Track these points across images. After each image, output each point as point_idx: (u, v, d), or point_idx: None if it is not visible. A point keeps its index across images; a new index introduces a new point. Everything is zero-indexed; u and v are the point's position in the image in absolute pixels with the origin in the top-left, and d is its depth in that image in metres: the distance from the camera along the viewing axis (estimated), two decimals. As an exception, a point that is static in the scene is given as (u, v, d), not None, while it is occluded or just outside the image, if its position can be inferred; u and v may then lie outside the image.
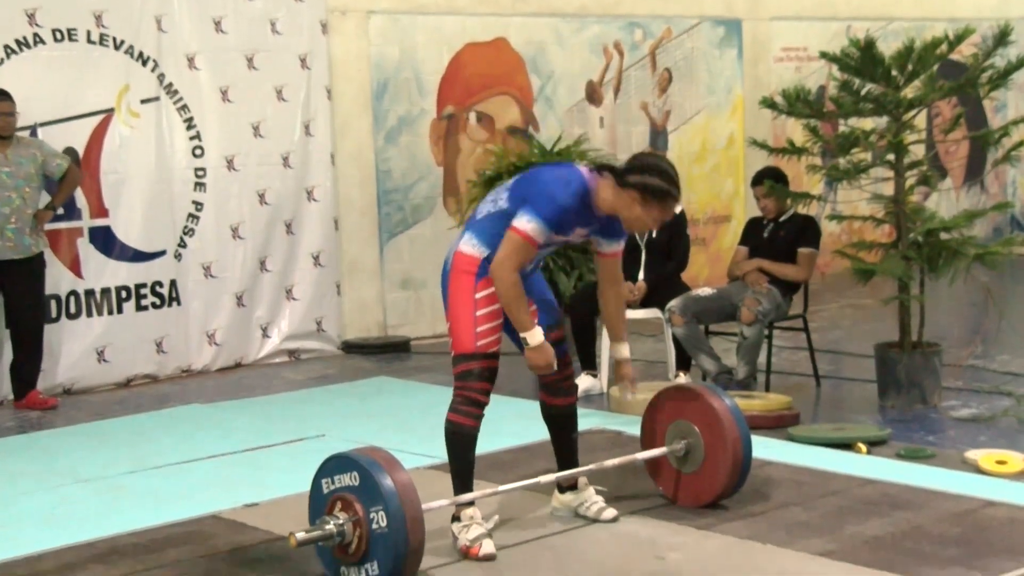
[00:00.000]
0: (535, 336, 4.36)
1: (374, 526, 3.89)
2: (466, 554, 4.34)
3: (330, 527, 3.95)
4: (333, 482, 4.03)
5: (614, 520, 4.66)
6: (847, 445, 5.80)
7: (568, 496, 4.74)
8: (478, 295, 4.38)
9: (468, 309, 4.37)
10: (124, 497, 5.46)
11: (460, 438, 4.40)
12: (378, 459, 3.98)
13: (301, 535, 3.95)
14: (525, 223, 4.26)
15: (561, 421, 4.67)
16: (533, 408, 4.64)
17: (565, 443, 4.73)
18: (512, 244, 4.28)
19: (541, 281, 4.69)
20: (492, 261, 4.31)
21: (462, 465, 4.43)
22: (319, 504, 4.07)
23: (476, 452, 4.48)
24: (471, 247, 4.42)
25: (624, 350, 4.72)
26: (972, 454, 5.51)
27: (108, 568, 4.39)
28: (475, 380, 4.37)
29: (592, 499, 4.71)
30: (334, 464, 4.06)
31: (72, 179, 7.46)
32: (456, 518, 4.42)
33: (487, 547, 4.34)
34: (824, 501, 4.88)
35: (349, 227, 9.04)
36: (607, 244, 4.58)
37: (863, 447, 5.76)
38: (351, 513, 3.94)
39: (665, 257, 7.30)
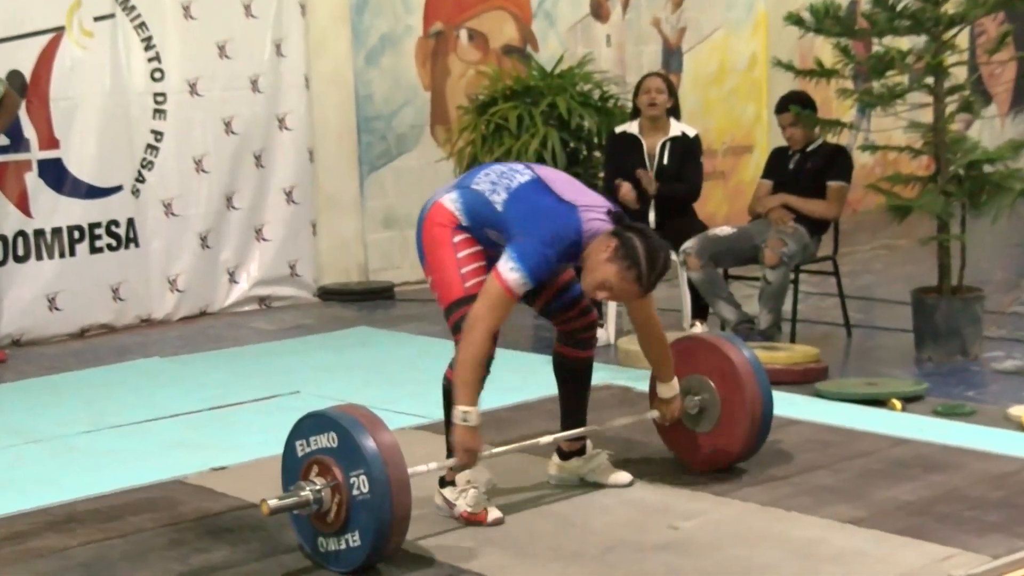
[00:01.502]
0: (473, 416, 4.21)
1: (355, 492, 3.90)
2: (469, 520, 4.37)
3: (306, 493, 3.96)
4: (309, 444, 4.04)
5: (629, 484, 4.69)
6: (879, 401, 5.83)
7: (575, 462, 4.74)
8: (455, 239, 4.43)
9: (449, 254, 4.41)
10: (81, 459, 5.48)
11: None
12: (359, 418, 3.99)
13: (274, 502, 3.96)
14: (509, 271, 4.20)
15: (575, 375, 4.69)
16: (529, 362, 4.67)
17: (575, 400, 4.75)
18: (493, 299, 4.21)
19: None
20: (470, 314, 4.24)
21: None
22: (293, 468, 4.08)
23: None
24: (453, 206, 4.46)
25: (670, 389, 4.72)
26: (1015, 410, 5.55)
27: (64, 537, 4.41)
28: None
29: (603, 465, 4.73)
30: (310, 423, 4.07)
31: (10, 105, 7.39)
32: (450, 482, 4.45)
33: (494, 511, 4.39)
34: (853, 463, 4.91)
35: (325, 159, 9.01)
36: None
37: (897, 403, 5.79)
38: (329, 478, 3.95)
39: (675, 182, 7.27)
